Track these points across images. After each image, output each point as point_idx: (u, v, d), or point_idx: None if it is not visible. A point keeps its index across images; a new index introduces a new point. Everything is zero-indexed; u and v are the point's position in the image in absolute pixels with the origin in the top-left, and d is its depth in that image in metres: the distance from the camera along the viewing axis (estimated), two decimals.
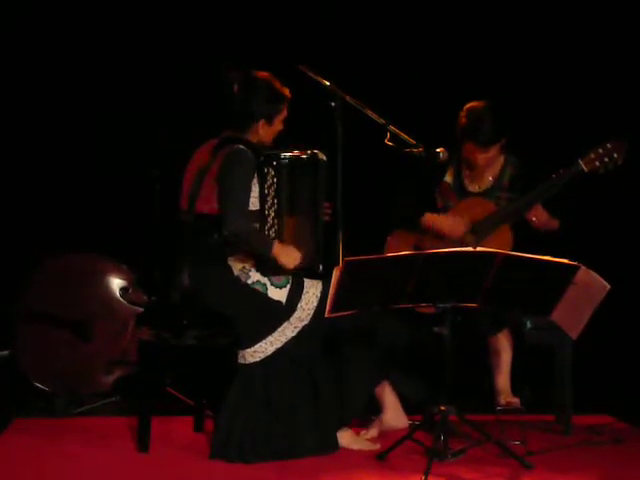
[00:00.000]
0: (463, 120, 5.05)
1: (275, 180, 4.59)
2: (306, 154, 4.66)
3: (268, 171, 4.59)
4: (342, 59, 5.72)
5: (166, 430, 4.88)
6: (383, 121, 4.78)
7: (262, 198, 4.56)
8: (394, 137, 4.77)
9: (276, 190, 4.58)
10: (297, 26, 5.90)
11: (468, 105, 5.07)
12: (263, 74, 4.67)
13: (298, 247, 4.60)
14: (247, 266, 4.57)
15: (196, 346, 4.72)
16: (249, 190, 4.55)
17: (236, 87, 4.66)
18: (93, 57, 5.91)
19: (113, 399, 5.44)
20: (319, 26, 5.91)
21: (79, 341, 5.37)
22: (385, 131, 4.78)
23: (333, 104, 4.75)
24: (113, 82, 5.88)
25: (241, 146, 4.58)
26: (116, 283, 5.41)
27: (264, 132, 4.68)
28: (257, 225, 4.56)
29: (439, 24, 5.99)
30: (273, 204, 4.59)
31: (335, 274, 4.19)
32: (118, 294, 5.40)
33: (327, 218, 4.74)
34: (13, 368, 5.40)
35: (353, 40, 5.94)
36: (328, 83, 4.78)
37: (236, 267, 4.57)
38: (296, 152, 4.64)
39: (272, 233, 4.57)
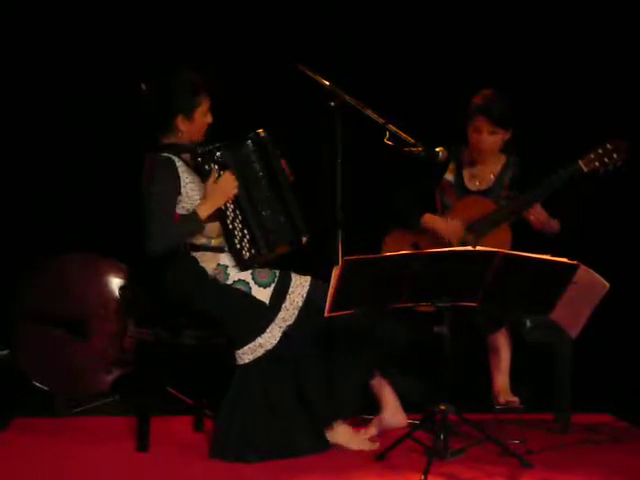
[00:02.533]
0: (476, 99, 5.06)
1: (221, 173, 4.56)
2: (242, 137, 4.61)
3: (211, 167, 4.56)
4: (341, 59, 5.71)
5: (165, 429, 4.88)
6: (382, 120, 4.78)
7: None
8: (393, 136, 4.77)
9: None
10: (296, 26, 5.90)
11: (483, 90, 5.08)
12: (179, 68, 4.59)
13: (270, 226, 4.58)
14: (220, 262, 4.55)
15: (195, 345, 4.72)
16: (172, 200, 4.48)
17: (144, 85, 4.58)
18: (97, 53, 5.91)
19: (112, 399, 5.44)
20: (318, 26, 5.90)
21: (78, 340, 5.36)
22: (384, 130, 4.78)
23: (332, 104, 4.76)
24: (116, 81, 5.87)
25: (163, 154, 4.53)
26: (115, 283, 5.41)
27: (187, 128, 4.57)
28: (216, 223, 4.53)
29: (439, 24, 5.99)
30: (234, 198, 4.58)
31: (334, 273, 4.19)
32: (117, 293, 5.40)
33: (291, 178, 4.72)
34: (12, 367, 5.40)
35: (352, 40, 5.93)
36: (327, 83, 4.78)
37: (209, 267, 4.56)
38: (231, 140, 4.60)
39: (237, 224, 4.55)
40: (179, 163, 4.56)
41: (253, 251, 4.58)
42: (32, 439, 4.77)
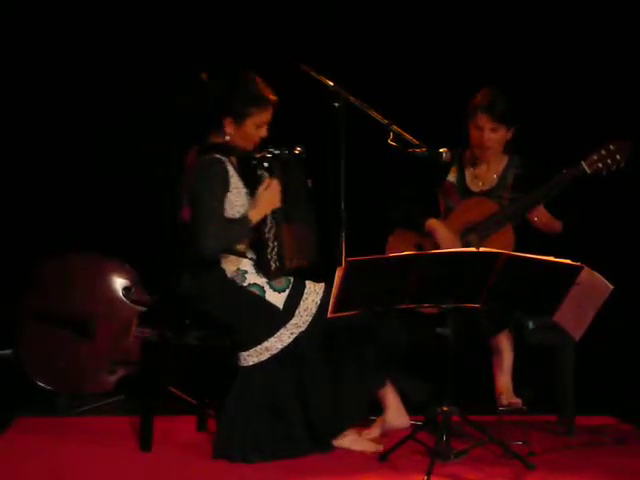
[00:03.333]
0: (479, 97, 5.05)
1: (269, 180, 4.58)
2: (294, 150, 4.62)
3: (262, 174, 4.58)
4: (345, 60, 5.71)
5: (169, 429, 4.88)
6: (386, 121, 4.79)
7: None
8: (397, 137, 4.78)
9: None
10: (300, 27, 5.90)
11: (484, 88, 5.08)
12: (249, 74, 4.57)
13: (299, 244, 4.59)
14: (241, 267, 4.56)
15: (199, 346, 4.72)
16: (222, 203, 4.50)
17: (205, 75, 4.57)
18: (97, 56, 5.91)
19: (116, 398, 5.45)
20: (322, 26, 5.91)
21: (82, 340, 5.37)
22: (388, 131, 4.78)
23: (336, 105, 4.76)
24: (117, 81, 5.88)
25: (215, 155, 4.53)
26: (119, 283, 5.41)
27: (234, 132, 4.55)
28: (259, 235, 4.55)
29: (442, 25, 5.99)
30: None
31: (337, 275, 4.19)
32: (121, 294, 5.40)
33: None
34: (16, 367, 5.41)
35: (356, 41, 5.94)
36: (331, 84, 4.79)
37: (229, 269, 4.56)
38: (282, 149, 4.61)
39: (271, 235, 4.57)
40: (229, 166, 4.56)
41: (278, 264, 4.58)
42: (35, 439, 4.77)
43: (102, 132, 5.94)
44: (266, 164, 4.57)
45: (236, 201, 4.55)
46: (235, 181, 4.56)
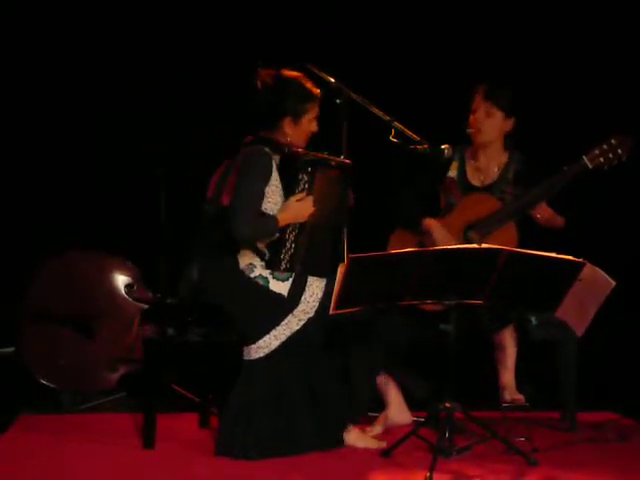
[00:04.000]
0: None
1: (306, 187, 4.59)
2: (339, 163, 4.64)
3: (302, 177, 4.59)
4: (347, 56, 5.71)
5: (171, 427, 4.88)
6: (388, 118, 4.79)
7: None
8: (399, 134, 4.78)
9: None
10: (302, 23, 5.90)
11: None
12: (293, 73, 4.65)
13: (314, 254, 4.60)
14: (254, 262, 4.57)
15: (201, 343, 4.72)
16: (262, 192, 4.54)
17: (260, 83, 4.63)
18: (98, 53, 5.91)
19: (117, 396, 5.45)
20: (324, 23, 5.90)
21: (84, 338, 5.37)
22: (390, 128, 4.79)
23: (338, 101, 4.76)
24: (118, 79, 5.88)
25: (266, 148, 4.57)
26: (121, 280, 5.41)
27: (292, 131, 4.64)
28: (279, 234, 4.56)
29: (444, 22, 5.99)
30: None
31: (340, 271, 4.19)
32: (123, 291, 5.40)
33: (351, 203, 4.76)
34: (18, 365, 5.41)
35: (358, 37, 5.93)
36: (333, 80, 4.79)
37: (243, 261, 4.57)
38: (329, 159, 4.61)
39: (292, 236, 4.58)
40: (273, 161, 4.58)
41: (289, 266, 4.58)
42: (37, 436, 4.78)
43: (103, 131, 5.94)
44: (310, 169, 4.58)
45: (271, 198, 4.57)
46: (276, 178, 4.58)
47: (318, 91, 4.66)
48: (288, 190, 4.59)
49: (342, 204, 4.69)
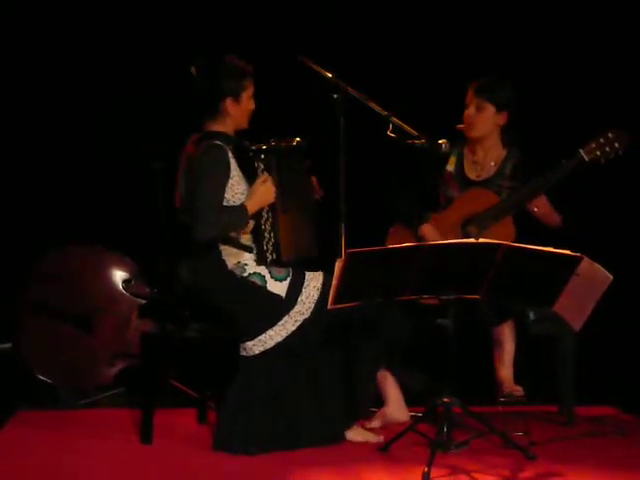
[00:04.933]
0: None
1: (264, 173, 4.59)
2: (292, 143, 4.64)
3: (258, 165, 4.59)
4: (344, 51, 5.71)
5: (169, 422, 4.88)
6: (385, 113, 4.79)
7: None
8: (396, 129, 4.77)
9: None
10: (298, 17, 5.89)
11: None
12: (225, 56, 4.65)
13: (296, 237, 4.60)
14: (242, 260, 4.57)
15: (199, 338, 4.72)
16: (222, 189, 4.52)
17: (194, 69, 4.63)
18: (93, 49, 5.91)
19: (116, 391, 5.45)
20: (321, 17, 5.90)
21: (82, 333, 5.37)
22: (387, 123, 4.78)
23: (335, 96, 4.76)
24: (115, 73, 5.88)
25: (217, 142, 4.56)
26: (119, 275, 5.41)
27: (235, 111, 4.62)
28: (252, 222, 4.56)
29: (442, 16, 5.98)
30: None
31: (337, 266, 4.18)
32: (121, 286, 5.40)
33: (321, 192, 4.75)
34: (16, 360, 5.41)
35: (355, 32, 5.93)
36: (330, 75, 4.79)
37: (230, 262, 4.57)
38: (280, 142, 4.63)
39: (268, 226, 4.58)
40: (229, 153, 4.58)
41: (275, 255, 4.58)
42: (35, 432, 4.78)
43: (101, 126, 5.93)
44: (262, 156, 4.59)
45: (237, 188, 4.57)
46: (235, 168, 4.57)
47: (251, 67, 4.67)
48: (249, 179, 4.60)
49: (306, 181, 4.70)
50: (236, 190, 4.56)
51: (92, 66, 5.90)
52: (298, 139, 4.65)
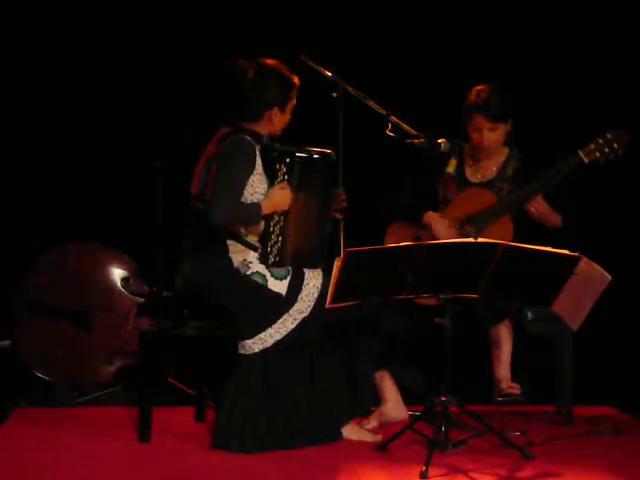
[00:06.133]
0: (472, 97, 5.03)
1: (286, 177, 4.59)
2: (319, 153, 4.64)
3: (280, 168, 4.59)
4: (344, 50, 5.70)
5: (167, 420, 4.88)
6: (385, 112, 4.78)
7: None
8: (396, 128, 4.77)
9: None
10: (298, 16, 5.89)
11: (476, 87, 5.06)
12: (272, 62, 4.66)
13: (302, 245, 4.61)
14: (247, 258, 4.58)
15: (197, 336, 4.72)
16: (244, 181, 4.54)
17: (250, 75, 4.63)
18: (94, 46, 5.90)
19: (113, 389, 5.45)
20: (320, 16, 5.89)
21: (80, 331, 5.37)
22: (387, 122, 4.78)
23: (335, 95, 4.76)
24: (115, 71, 5.87)
25: (247, 137, 4.58)
26: (117, 273, 5.41)
27: (277, 120, 4.65)
28: (262, 222, 4.56)
29: (441, 15, 5.98)
30: None
31: (336, 265, 4.19)
32: (119, 284, 5.40)
33: (344, 204, 4.75)
34: (14, 358, 5.41)
35: (355, 31, 5.92)
36: (330, 74, 4.79)
37: (236, 259, 4.57)
38: (308, 150, 4.63)
39: (277, 229, 4.58)
40: (257, 152, 4.59)
41: (277, 259, 4.58)
42: (33, 429, 4.78)
43: (100, 123, 5.92)
44: (288, 159, 4.59)
45: (258, 187, 4.58)
46: (259, 167, 4.59)
47: (297, 78, 4.67)
48: (270, 180, 4.60)
49: (325, 194, 4.69)
50: (256, 189, 4.57)
51: (92, 63, 5.89)
52: (329, 151, 4.65)
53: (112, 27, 5.89)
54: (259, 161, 4.58)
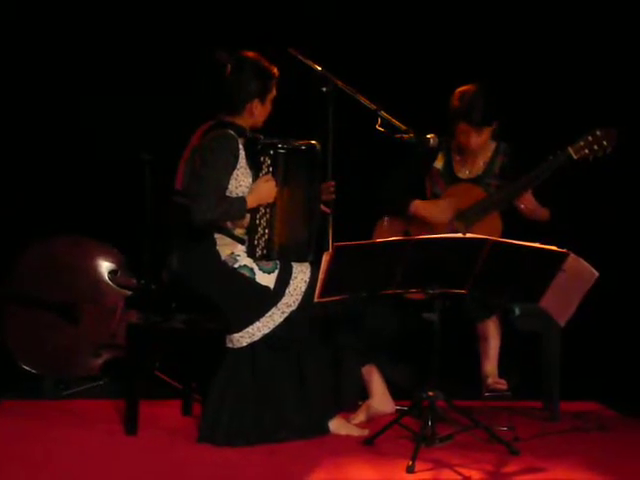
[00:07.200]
0: (456, 102, 5.04)
1: (270, 170, 4.59)
2: (303, 144, 4.64)
3: (264, 160, 4.59)
4: (333, 44, 5.70)
5: (154, 413, 4.88)
6: (374, 107, 4.78)
7: None
8: (385, 123, 4.77)
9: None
10: (288, 10, 5.88)
11: (460, 88, 5.06)
12: (251, 53, 4.66)
13: (289, 237, 4.61)
14: (235, 252, 4.57)
15: (185, 330, 4.72)
16: (227, 177, 4.53)
17: (229, 68, 4.63)
18: (83, 40, 5.88)
19: (101, 382, 5.44)
20: (310, 10, 5.89)
21: (67, 324, 5.36)
22: (376, 117, 4.78)
23: (324, 89, 4.76)
24: (104, 65, 5.86)
25: (230, 131, 4.57)
26: (105, 266, 5.40)
27: (258, 112, 4.65)
28: (248, 215, 4.56)
29: (431, 10, 5.98)
30: None
31: (325, 259, 4.19)
32: (107, 277, 5.39)
33: (332, 196, 4.75)
34: (1, 351, 5.39)
35: (344, 25, 5.92)
36: (319, 68, 4.78)
37: (224, 252, 4.57)
38: (292, 142, 4.62)
39: (263, 222, 4.58)
40: (240, 145, 4.58)
41: (265, 252, 4.58)
42: (20, 422, 4.76)
43: (88, 116, 5.91)
44: (271, 151, 4.58)
45: (242, 180, 4.57)
46: (243, 161, 4.58)
47: (275, 68, 4.68)
48: (255, 173, 4.60)
49: (311, 186, 4.69)
50: (241, 182, 4.57)
51: (79, 53, 5.87)
52: (313, 142, 4.65)
53: (100, 23, 5.88)
54: (243, 154, 4.58)
